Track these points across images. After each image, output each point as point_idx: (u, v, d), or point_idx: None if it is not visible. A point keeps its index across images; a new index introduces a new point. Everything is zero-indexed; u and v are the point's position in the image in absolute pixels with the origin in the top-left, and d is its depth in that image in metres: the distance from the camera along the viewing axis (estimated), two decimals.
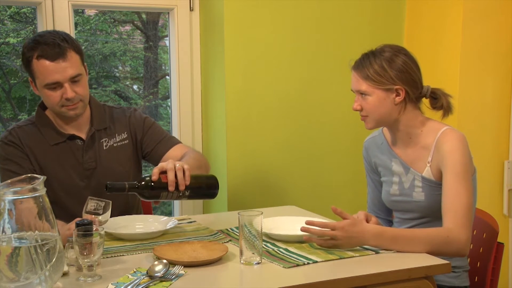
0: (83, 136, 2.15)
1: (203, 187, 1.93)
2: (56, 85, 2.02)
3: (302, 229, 1.79)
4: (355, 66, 2.00)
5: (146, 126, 2.25)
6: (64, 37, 2.06)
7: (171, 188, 1.80)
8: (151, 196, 1.83)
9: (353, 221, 1.76)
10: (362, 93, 1.96)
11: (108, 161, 2.16)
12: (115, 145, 2.20)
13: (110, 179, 2.06)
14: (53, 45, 2.01)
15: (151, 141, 2.24)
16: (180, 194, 1.84)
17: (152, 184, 1.81)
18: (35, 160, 2.10)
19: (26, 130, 2.13)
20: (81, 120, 2.15)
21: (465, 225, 1.79)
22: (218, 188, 1.95)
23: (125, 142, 2.23)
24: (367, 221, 1.93)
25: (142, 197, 1.83)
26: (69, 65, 2.02)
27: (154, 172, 1.82)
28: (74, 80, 2.04)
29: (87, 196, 1.86)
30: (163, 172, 1.82)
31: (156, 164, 2.18)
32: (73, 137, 2.14)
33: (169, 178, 1.81)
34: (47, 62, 2.00)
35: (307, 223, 1.80)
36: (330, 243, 1.76)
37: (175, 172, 1.82)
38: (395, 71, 1.92)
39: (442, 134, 1.92)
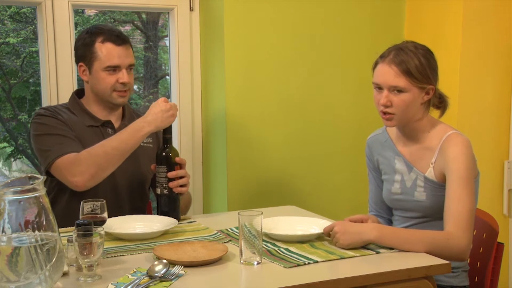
0: (116, 126, 2.25)
1: (173, 206, 2.11)
2: (115, 68, 2.17)
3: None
4: (393, 60, 1.91)
5: None
6: (122, 32, 2.26)
7: (170, 174, 2.07)
8: (159, 158, 2.10)
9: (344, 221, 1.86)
10: (396, 89, 1.90)
11: (132, 156, 2.19)
12: (141, 144, 2.24)
13: (128, 174, 2.21)
14: (119, 33, 2.21)
15: None
16: (164, 185, 2.08)
17: (171, 157, 2.08)
18: (74, 133, 2.16)
19: (62, 111, 2.22)
20: (115, 113, 2.26)
21: (466, 230, 1.80)
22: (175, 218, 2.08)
23: (150, 145, 2.31)
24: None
25: (158, 153, 2.12)
26: (130, 54, 2.22)
27: (182, 158, 2.12)
28: (129, 68, 2.21)
29: (103, 187, 2.06)
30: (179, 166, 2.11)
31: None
32: (106, 124, 2.23)
33: (179, 172, 2.09)
34: (113, 46, 2.17)
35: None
36: (334, 240, 1.80)
37: (185, 177, 2.10)
38: (431, 71, 1.91)
39: (447, 138, 1.92)
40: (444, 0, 2.88)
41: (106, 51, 2.16)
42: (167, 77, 4.12)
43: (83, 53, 2.20)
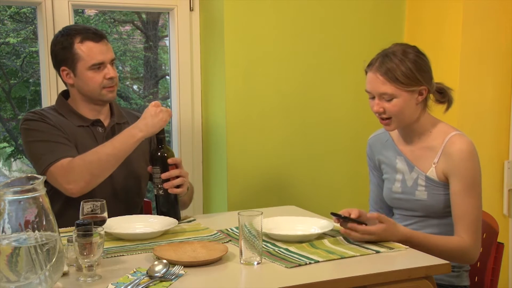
0: (105, 124, 2.23)
1: (170, 206, 2.10)
2: (100, 65, 2.15)
3: (344, 230, 1.81)
4: (378, 68, 1.92)
5: None
6: (97, 28, 2.23)
7: (163, 175, 2.05)
8: (153, 159, 2.09)
9: (387, 226, 1.79)
10: (386, 96, 1.92)
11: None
12: None
13: (123, 172, 2.17)
14: (94, 29, 2.19)
15: None
16: (159, 185, 2.07)
17: (164, 157, 2.06)
18: (66, 135, 2.14)
19: (50, 113, 2.19)
20: (103, 112, 2.24)
21: (476, 233, 1.86)
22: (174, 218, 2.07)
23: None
24: None
25: (152, 154, 2.12)
26: (110, 49, 2.20)
27: (176, 158, 2.08)
28: (112, 63, 2.19)
29: (99, 184, 2.04)
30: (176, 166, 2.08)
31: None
32: (96, 123, 2.21)
33: (172, 172, 2.06)
34: (92, 43, 2.14)
35: (350, 226, 1.80)
36: (363, 240, 1.81)
37: (182, 176, 2.07)
38: (420, 73, 1.91)
39: (451, 140, 1.93)
40: (444, 0, 2.88)
41: (87, 49, 2.13)
42: (167, 77, 4.12)
43: (63, 56, 2.16)
